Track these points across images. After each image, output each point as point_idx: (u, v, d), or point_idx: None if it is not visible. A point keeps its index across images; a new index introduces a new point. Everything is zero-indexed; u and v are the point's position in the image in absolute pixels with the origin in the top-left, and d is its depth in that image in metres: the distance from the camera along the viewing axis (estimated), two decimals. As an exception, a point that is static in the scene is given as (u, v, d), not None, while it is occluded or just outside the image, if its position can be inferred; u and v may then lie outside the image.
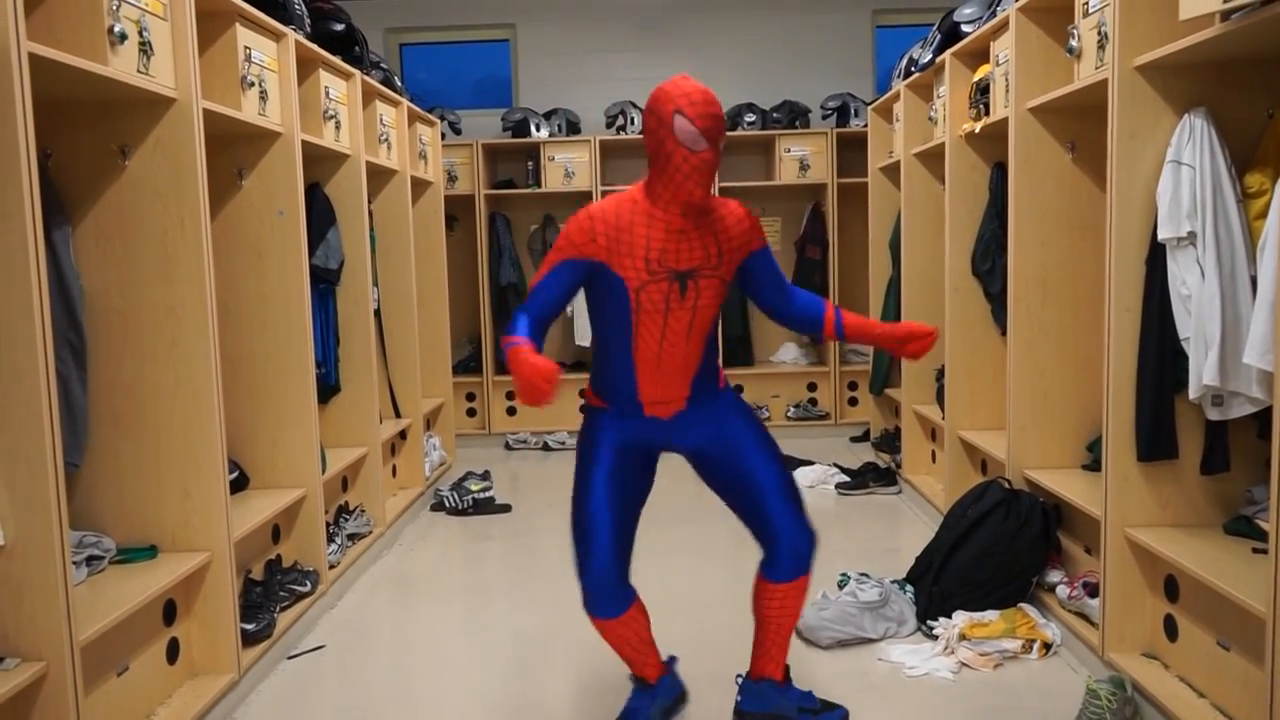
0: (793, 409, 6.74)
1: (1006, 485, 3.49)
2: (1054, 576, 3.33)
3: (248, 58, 3.15)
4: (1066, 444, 3.57)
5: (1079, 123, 3.42)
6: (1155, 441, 2.75)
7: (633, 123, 6.62)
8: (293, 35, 3.45)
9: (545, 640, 3.37)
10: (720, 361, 2.59)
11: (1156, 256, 2.70)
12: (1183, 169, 2.58)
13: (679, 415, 2.45)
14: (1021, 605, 3.26)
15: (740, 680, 2.65)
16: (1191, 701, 2.55)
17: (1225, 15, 2.24)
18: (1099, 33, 2.89)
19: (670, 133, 2.20)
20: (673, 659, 2.68)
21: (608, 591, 2.40)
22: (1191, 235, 2.58)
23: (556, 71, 7.02)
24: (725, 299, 2.45)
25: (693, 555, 4.18)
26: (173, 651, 2.79)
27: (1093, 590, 3.05)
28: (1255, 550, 2.54)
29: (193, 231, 2.73)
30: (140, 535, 2.82)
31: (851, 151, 6.47)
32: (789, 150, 6.58)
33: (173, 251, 2.73)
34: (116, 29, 2.40)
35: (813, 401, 6.80)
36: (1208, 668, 2.57)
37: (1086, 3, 2.98)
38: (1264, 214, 2.46)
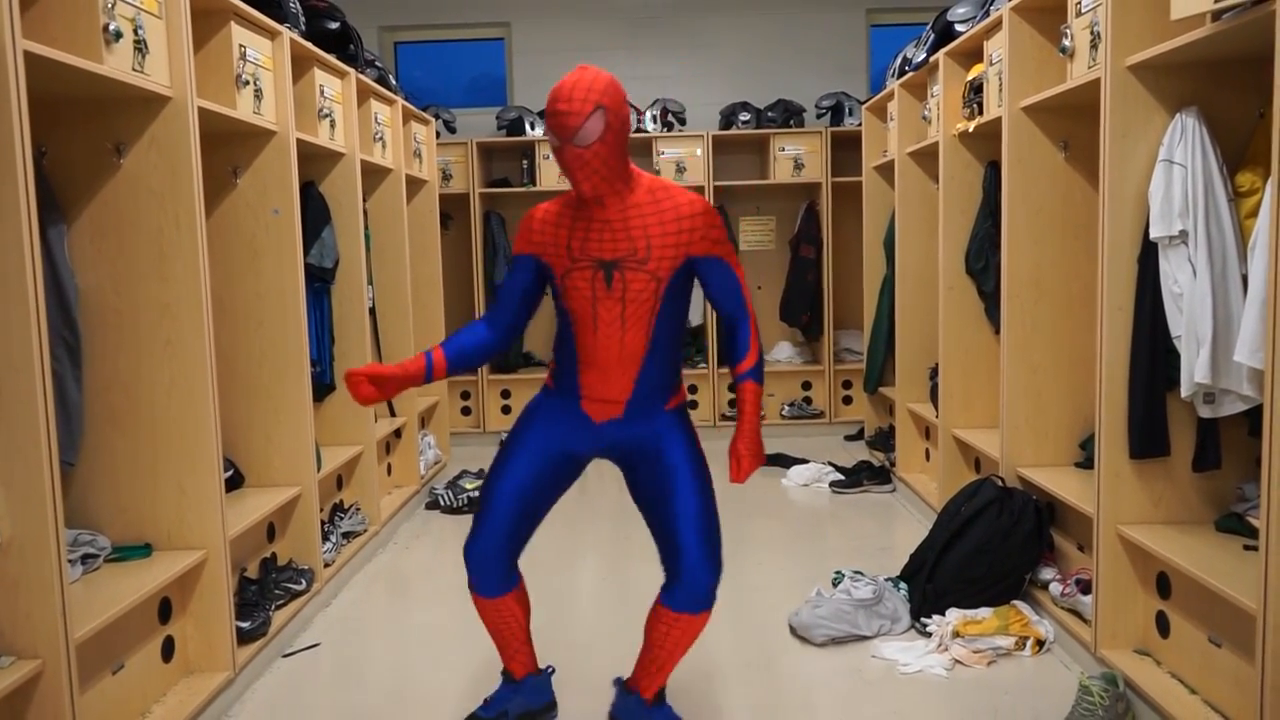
0: (787, 407, 6.76)
1: (1000, 483, 3.50)
2: (1047, 574, 3.34)
3: (243, 56, 3.15)
4: (1059, 442, 3.59)
5: (1072, 122, 3.43)
6: (1147, 439, 2.76)
7: (627, 121, 6.62)
8: (288, 33, 3.44)
9: (539, 637, 3.37)
10: (678, 380, 2.48)
11: (1148, 255, 2.72)
12: (1174, 168, 2.59)
13: (612, 423, 2.41)
14: (1014, 602, 3.27)
15: (616, 684, 2.62)
16: (1183, 697, 2.57)
17: (1216, 15, 2.26)
18: (1091, 32, 2.91)
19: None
20: (550, 669, 2.71)
21: (487, 571, 2.46)
22: (1183, 234, 2.59)
23: (551, 70, 6.94)
24: (673, 302, 2.34)
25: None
26: (168, 649, 2.79)
27: (1085, 587, 3.06)
28: (1246, 547, 2.56)
29: (188, 229, 2.73)
30: (135, 533, 2.82)
31: (846, 150, 6.48)
32: (783, 149, 6.59)
33: (168, 249, 2.73)
34: (111, 27, 2.40)
35: (807, 400, 6.82)
36: (1199, 664, 2.58)
37: (1079, 2, 3.00)
38: (1255, 213, 2.47)
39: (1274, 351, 2.04)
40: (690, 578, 2.34)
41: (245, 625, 3.05)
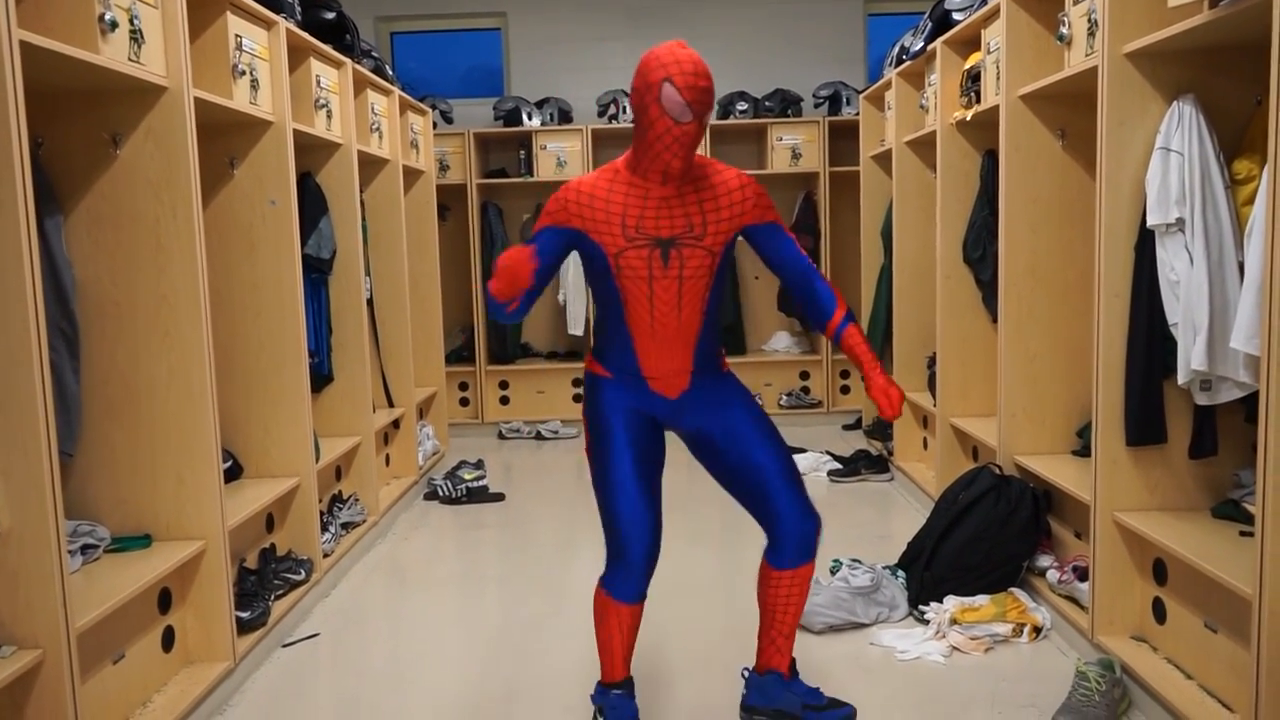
0: (785, 397, 6.77)
1: (997, 471, 3.51)
2: (1044, 561, 3.36)
3: (239, 46, 3.15)
4: (1057, 429, 3.60)
5: (1069, 110, 3.43)
6: (1144, 426, 2.77)
7: (624, 111, 6.62)
8: (284, 23, 3.44)
9: (539, 627, 3.39)
10: (721, 346, 2.54)
11: (1145, 243, 2.72)
12: (1171, 156, 2.59)
13: (685, 395, 2.41)
14: (1012, 590, 3.28)
15: (746, 674, 2.62)
16: (1180, 683, 2.58)
17: (1213, 2, 2.26)
18: (1089, 20, 2.90)
19: (656, 100, 2.15)
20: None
21: (644, 574, 2.38)
22: (1180, 221, 2.59)
23: (548, 60, 7.01)
24: (721, 275, 2.37)
25: (688, 541, 4.17)
26: (168, 639, 2.80)
27: (1082, 574, 3.07)
28: (1242, 533, 2.57)
29: (185, 220, 2.73)
30: (135, 524, 2.82)
31: (843, 140, 6.48)
32: (781, 139, 6.59)
33: (165, 240, 2.73)
34: (107, 17, 2.40)
35: (805, 390, 6.82)
36: (1196, 650, 2.59)
37: (1076, -10, 3.00)
38: (1252, 200, 2.48)
39: (1270, 338, 2.04)
40: (793, 529, 2.41)
41: (245, 615, 3.06)
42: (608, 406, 2.41)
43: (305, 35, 3.70)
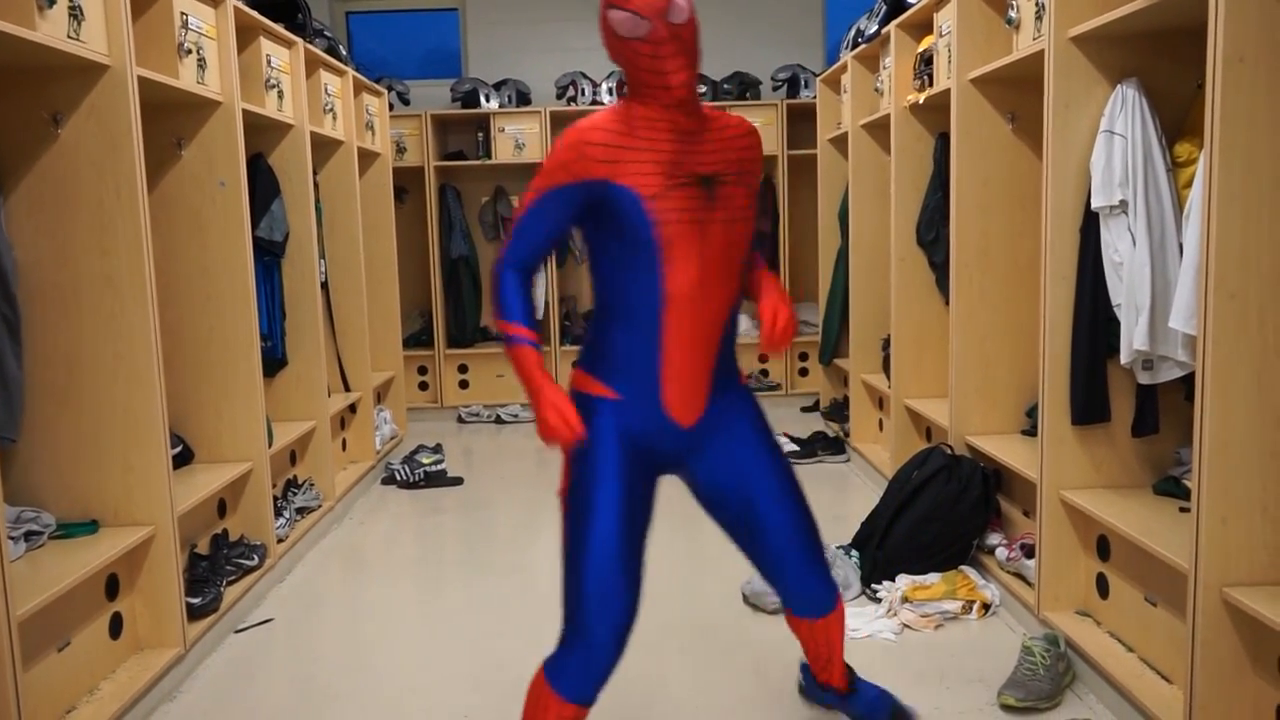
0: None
1: (949, 451, 3.56)
2: (993, 539, 3.41)
3: (184, 24, 3.09)
4: (1007, 410, 3.64)
5: (1018, 93, 3.46)
6: (1088, 406, 2.82)
7: (583, 93, 6.59)
8: (231, 2, 3.38)
9: (497, 611, 3.39)
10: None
11: (1090, 225, 2.76)
12: (1115, 139, 2.63)
13: (700, 423, 2.02)
14: (962, 568, 3.33)
15: (803, 668, 2.50)
16: (1121, 655, 2.64)
17: (1154, -14, 2.29)
18: (1036, 4, 2.94)
19: (613, 35, 1.89)
20: None
21: (605, 665, 1.92)
22: (1123, 204, 2.63)
23: (506, 42, 6.96)
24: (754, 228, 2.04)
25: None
26: (116, 626, 2.76)
27: (1029, 551, 3.13)
28: (1181, 509, 2.63)
29: (129, 200, 2.69)
30: (81, 510, 2.79)
31: (802, 123, 6.49)
32: (740, 122, 6.58)
33: (108, 222, 2.69)
34: (44, -7, 2.35)
35: (764, 373, 6.86)
36: (1136, 623, 2.65)
37: (1025, -26, 3.02)
38: (1192, 183, 2.52)
39: (1206, 318, 2.09)
40: (800, 594, 2.16)
41: (196, 601, 3.03)
42: (604, 437, 1.96)
43: (254, 14, 3.64)
